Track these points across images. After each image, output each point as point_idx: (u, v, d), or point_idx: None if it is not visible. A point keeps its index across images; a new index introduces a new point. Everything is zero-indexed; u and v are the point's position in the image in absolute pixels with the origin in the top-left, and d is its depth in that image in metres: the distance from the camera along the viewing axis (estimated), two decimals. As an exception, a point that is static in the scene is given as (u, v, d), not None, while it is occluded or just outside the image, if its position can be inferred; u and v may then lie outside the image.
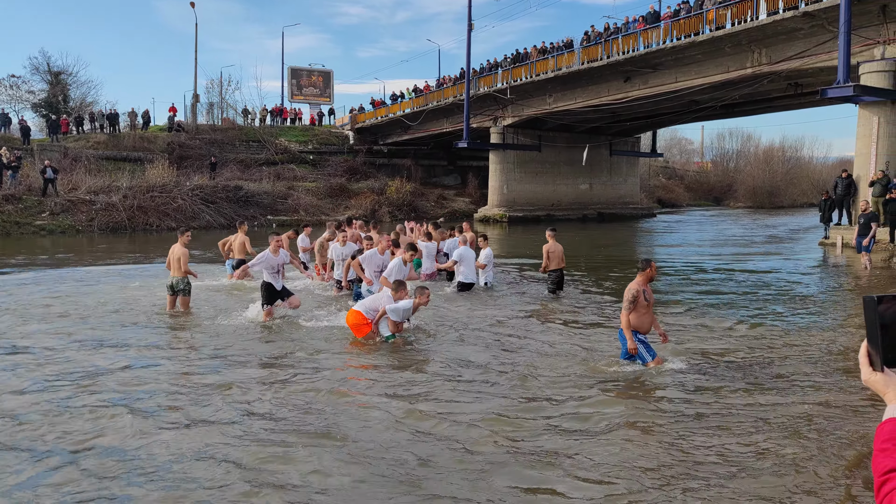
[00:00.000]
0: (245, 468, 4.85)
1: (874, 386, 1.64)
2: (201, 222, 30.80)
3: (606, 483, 4.66)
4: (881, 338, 1.61)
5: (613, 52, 29.29)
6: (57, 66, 47.02)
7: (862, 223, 16.33)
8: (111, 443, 5.33)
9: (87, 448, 5.23)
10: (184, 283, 10.77)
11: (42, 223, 27.54)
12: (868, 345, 1.64)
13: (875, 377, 1.63)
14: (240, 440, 5.39)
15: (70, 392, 6.62)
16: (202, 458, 5.03)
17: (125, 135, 41.06)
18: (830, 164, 66.57)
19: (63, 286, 13.57)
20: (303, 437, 5.44)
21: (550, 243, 12.55)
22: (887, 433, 1.53)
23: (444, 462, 5.00)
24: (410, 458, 5.03)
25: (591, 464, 4.96)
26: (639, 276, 7.46)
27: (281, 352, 8.37)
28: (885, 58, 20.11)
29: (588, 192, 42.51)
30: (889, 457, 1.48)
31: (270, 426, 5.71)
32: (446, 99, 40.02)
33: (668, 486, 4.60)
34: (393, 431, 5.60)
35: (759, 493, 4.48)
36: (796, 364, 7.79)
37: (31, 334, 9.21)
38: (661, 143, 56.14)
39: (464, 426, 5.70)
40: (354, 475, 4.75)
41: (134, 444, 5.30)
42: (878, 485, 1.47)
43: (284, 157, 43.69)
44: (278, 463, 4.96)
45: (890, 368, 1.62)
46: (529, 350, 8.53)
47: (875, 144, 20.26)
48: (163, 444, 5.30)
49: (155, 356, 8.13)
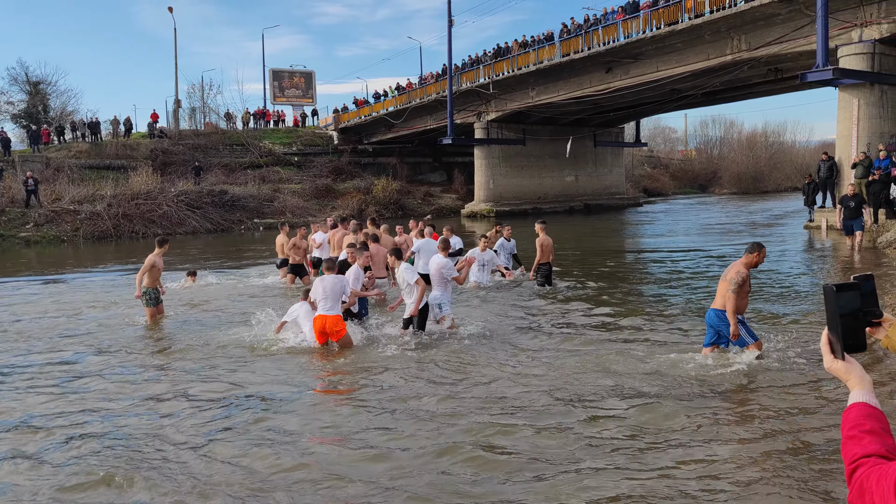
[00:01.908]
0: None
1: (836, 373, 1.69)
2: (187, 228, 30.67)
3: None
4: (840, 326, 1.66)
5: (594, 43, 29.35)
6: (36, 76, 46.64)
7: (853, 206, 16.40)
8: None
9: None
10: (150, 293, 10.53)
11: (26, 235, 27.31)
12: (829, 333, 1.69)
13: (837, 364, 1.68)
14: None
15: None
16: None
17: (107, 143, 40.74)
18: (813, 148, 67.00)
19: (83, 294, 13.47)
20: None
21: (542, 236, 12.54)
22: (853, 420, 1.58)
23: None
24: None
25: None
26: (746, 258, 7.10)
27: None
28: (862, 40, 20.27)
29: (574, 183, 42.61)
30: (857, 443, 1.53)
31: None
32: (429, 96, 39.99)
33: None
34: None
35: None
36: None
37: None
38: (644, 132, 56.40)
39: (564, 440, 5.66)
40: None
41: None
42: (848, 472, 1.51)
43: (269, 159, 43.49)
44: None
45: (851, 355, 1.67)
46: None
47: (856, 126, 20.41)
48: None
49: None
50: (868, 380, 1.65)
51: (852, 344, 1.66)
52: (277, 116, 51.99)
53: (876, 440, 1.52)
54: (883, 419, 1.58)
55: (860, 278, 1.82)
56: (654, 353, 7.73)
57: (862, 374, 1.65)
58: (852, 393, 1.64)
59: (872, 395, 1.62)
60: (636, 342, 8.40)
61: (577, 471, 4.73)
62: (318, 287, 8.47)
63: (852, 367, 1.66)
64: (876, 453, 1.50)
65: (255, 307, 10.87)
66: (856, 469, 1.50)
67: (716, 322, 7.18)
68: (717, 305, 7.21)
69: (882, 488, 1.41)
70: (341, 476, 4.77)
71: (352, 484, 4.65)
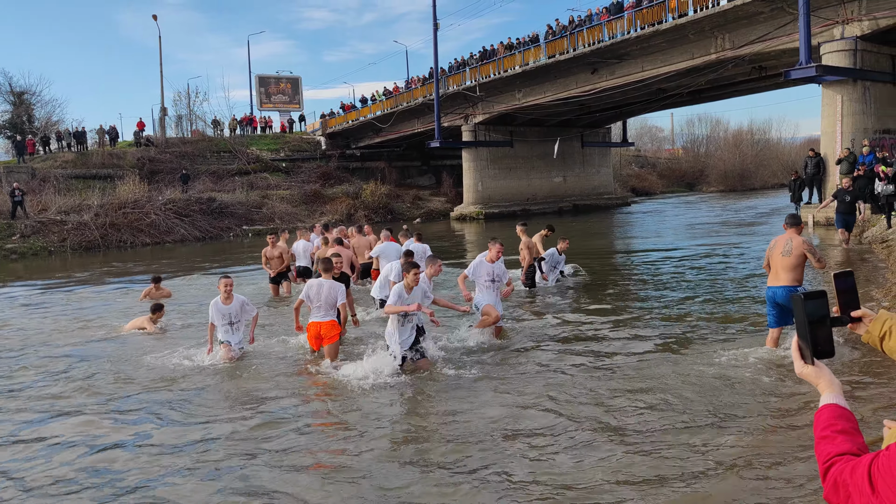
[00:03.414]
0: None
1: (807, 378, 1.77)
2: (176, 236, 30.54)
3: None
4: (809, 333, 1.73)
5: (579, 44, 29.48)
6: (19, 87, 46.20)
7: (848, 201, 16.29)
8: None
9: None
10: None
11: (13, 246, 27.09)
12: (798, 340, 1.77)
13: (807, 370, 1.76)
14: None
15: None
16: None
17: (93, 152, 40.48)
18: (798, 145, 67.43)
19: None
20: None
21: (525, 238, 12.60)
22: (825, 421, 1.66)
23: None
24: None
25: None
26: (796, 230, 7.28)
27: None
28: (844, 37, 20.45)
29: (562, 184, 42.71)
30: (830, 443, 1.61)
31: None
32: (416, 99, 40.00)
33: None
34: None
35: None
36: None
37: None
38: (631, 132, 56.56)
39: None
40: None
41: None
42: (822, 470, 1.59)
43: (257, 166, 43.36)
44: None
45: (821, 360, 1.75)
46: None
47: (840, 123, 20.59)
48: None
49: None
50: (837, 383, 1.73)
51: (822, 350, 1.74)
52: (264, 123, 51.85)
53: (848, 439, 1.60)
54: (853, 419, 1.66)
55: (840, 275, 1.86)
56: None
57: (831, 378, 1.73)
58: (823, 396, 1.73)
59: (842, 397, 1.70)
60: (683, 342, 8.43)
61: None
62: (314, 290, 8.19)
63: (822, 372, 1.74)
64: (848, 451, 1.57)
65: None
66: (830, 467, 1.57)
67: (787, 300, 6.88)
68: (785, 282, 7.08)
69: (857, 478, 1.49)
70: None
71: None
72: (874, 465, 1.48)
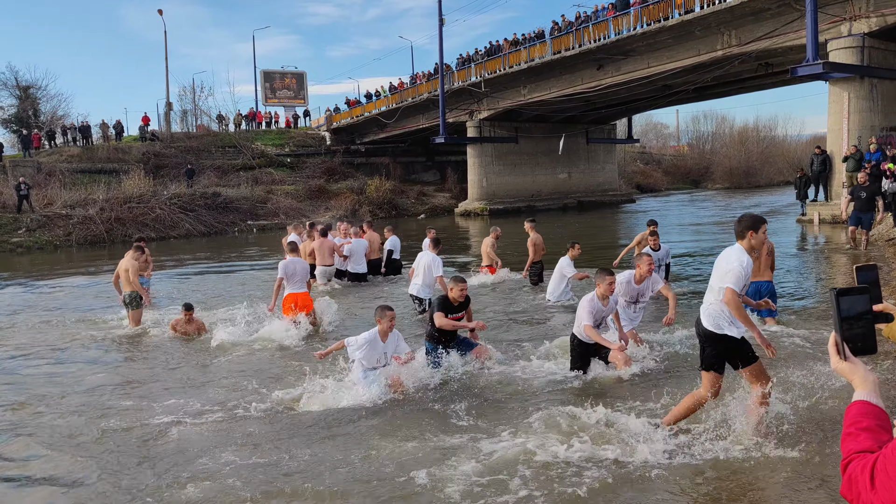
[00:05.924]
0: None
1: (842, 373, 1.78)
2: (181, 231, 30.59)
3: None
4: (844, 330, 1.73)
5: (585, 40, 29.41)
6: (25, 81, 46.39)
7: (864, 197, 15.20)
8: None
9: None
10: (130, 297, 10.47)
11: (18, 240, 27.18)
12: (836, 335, 1.76)
13: (842, 365, 1.76)
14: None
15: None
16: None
17: (99, 147, 40.56)
18: (804, 142, 67.15)
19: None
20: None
21: (533, 234, 12.57)
22: (851, 417, 1.68)
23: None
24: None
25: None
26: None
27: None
28: (851, 34, 20.36)
29: (567, 181, 42.65)
30: (853, 440, 1.63)
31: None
32: (421, 95, 39.96)
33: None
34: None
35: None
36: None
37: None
38: (636, 128, 56.37)
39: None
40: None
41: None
42: (843, 466, 1.61)
43: (261, 161, 43.38)
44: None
45: (857, 356, 1.74)
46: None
47: (846, 120, 20.51)
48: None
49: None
50: (871, 379, 1.72)
51: (861, 346, 1.74)
52: (270, 118, 51.87)
53: (870, 437, 1.61)
54: (882, 417, 1.66)
55: (862, 268, 1.84)
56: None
57: (865, 374, 1.72)
58: (855, 392, 1.73)
59: (875, 394, 1.70)
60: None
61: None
62: (290, 267, 9.84)
63: (856, 368, 1.74)
64: (868, 449, 1.58)
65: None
66: (849, 463, 1.60)
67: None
68: (766, 278, 7.99)
69: (864, 475, 1.52)
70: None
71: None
72: (877, 462, 1.51)
